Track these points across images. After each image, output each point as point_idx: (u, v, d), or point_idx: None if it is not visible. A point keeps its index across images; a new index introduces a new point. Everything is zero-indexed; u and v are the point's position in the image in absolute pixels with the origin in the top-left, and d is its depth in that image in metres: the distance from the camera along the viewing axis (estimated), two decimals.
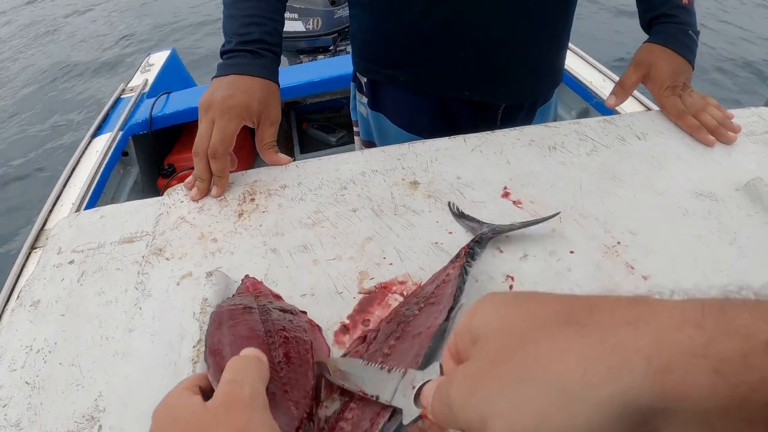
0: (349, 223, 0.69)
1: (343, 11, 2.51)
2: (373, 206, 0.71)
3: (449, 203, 0.70)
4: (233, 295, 0.58)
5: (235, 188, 0.79)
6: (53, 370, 0.57)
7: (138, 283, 0.65)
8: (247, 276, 0.61)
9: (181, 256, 0.68)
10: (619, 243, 0.64)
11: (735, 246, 0.63)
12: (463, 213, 0.68)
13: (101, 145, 1.98)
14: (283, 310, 0.53)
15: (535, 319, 0.29)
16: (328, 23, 2.50)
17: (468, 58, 0.94)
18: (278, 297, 0.58)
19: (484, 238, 0.62)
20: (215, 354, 0.47)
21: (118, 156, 2.04)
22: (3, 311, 1.31)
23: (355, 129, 1.19)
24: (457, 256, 0.60)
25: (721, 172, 0.75)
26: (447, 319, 0.50)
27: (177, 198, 0.79)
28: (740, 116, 0.84)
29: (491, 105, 1.02)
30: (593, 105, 1.79)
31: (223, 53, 0.82)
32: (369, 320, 0.56)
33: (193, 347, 0.54)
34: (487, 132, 0.82)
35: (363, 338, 0.52)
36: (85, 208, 1.71)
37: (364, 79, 1.07)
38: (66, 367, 0.57)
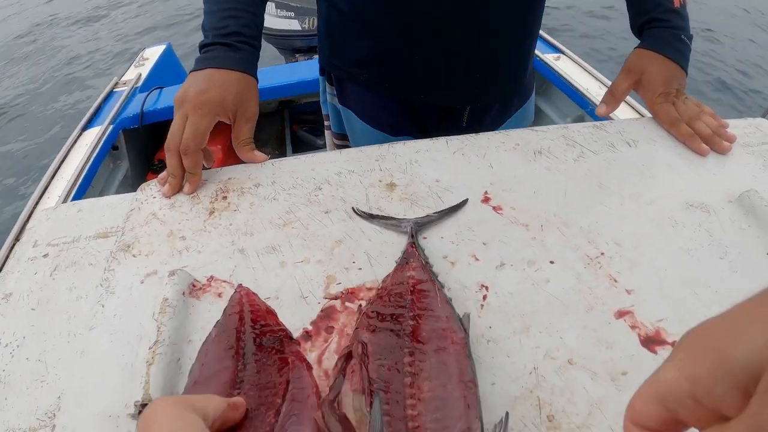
0: (321, 225, 0.66)
1: None
2: (346, 208, 0.68)
3: (353, 208, 0.68)
4: (223, 313, 0.55)
5: (209, 185, 0.77)
6: (19, 364, 0.56)
7: (103, 280, 0.63)
8: (240, 286, 0.58)
9: (147, 253, 0.66)
10: (602, 254, 0.60)
11: (726, 260, 0.60)
12: (371, 214, 0.67)
13: (91, 138, 1.96)
14: (267, 346, 0.50)
15: None
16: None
17: (427, 60, 0.92)
18: (271, 312, 0.54)
19: (414, 230, 0.63)
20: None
21: (108, 149, 2.02)
22: None
23: (326, 123, 1.17)
24: (406, 260, 0.59)
25: (714, 182, 0.72)
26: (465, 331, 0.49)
27: (150, 193, 0.77)
28: (736, 126, 0.81)
29: (455, 107, 1.00)
30: (588, 112, 1.77)
31: (201, 47, 0.81)
32: (333, 327, 0.53)
33: (149, 348, 0.52)
34: (471, 134, 0.79)
35: (347, 356, 0.47)
36: (72, 200, 1.69)
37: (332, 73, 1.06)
38: (32, 363, 0.56)
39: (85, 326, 0.58)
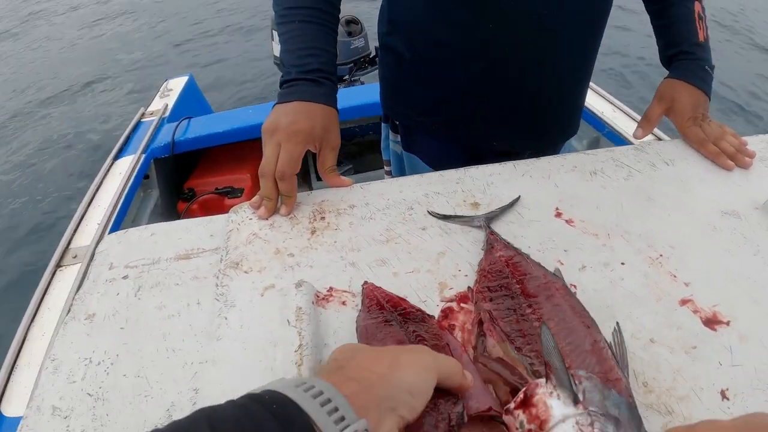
0: (421, 240, 0.77)
1: (359, 42, 2.61)
2: (440, 224, 0.79)
3: (428, 211, 0.81)
4: (363, 305, 0.65)
5: (303, 207, 0.83)
6: (117, 381, 0.59)
7: (219, 295, 0.68)
8: (366, 282, 0.68)
9: (260, 269, 0.72)
10: (661, 255, 0.73)
11: (759, 257, 0.73)
12: (445, 215, 0.80)
13: (124, 168, 2.03)
14: (416, 319, 0.61)
15: None
16: (345, 53, 2.59)
17: (498, 112, 1.01)
18: (402, 299, 0.66)
19: (486, 224, 0.77)
20: None
21: (141, 178, 2.09)
22: (29, 328, 1.37)
23: (386, 168, 1.25)
24: (491, 245, 0.72)
25: (740, 193, 0.85)
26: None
27: (245, 215, 0.83)
28: (752, 143, 0.95)
29: (519, 152, 1.09)
30: (605, 135, 1.89)
31: (283, 83, 0.87)
32: (454, 325, 0.64)
33: (295, 352, 0.58)
34: (533, 159, 0.92)
35: (478, 323, 0.61)
36: (111, 229, 1.76)
37: (397, 121, 1.13)
38: (131, 379, 0.59)
39: (211, 337, 0.62)
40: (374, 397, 0.38)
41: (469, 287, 0.68)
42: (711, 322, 0.64)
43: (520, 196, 0.83)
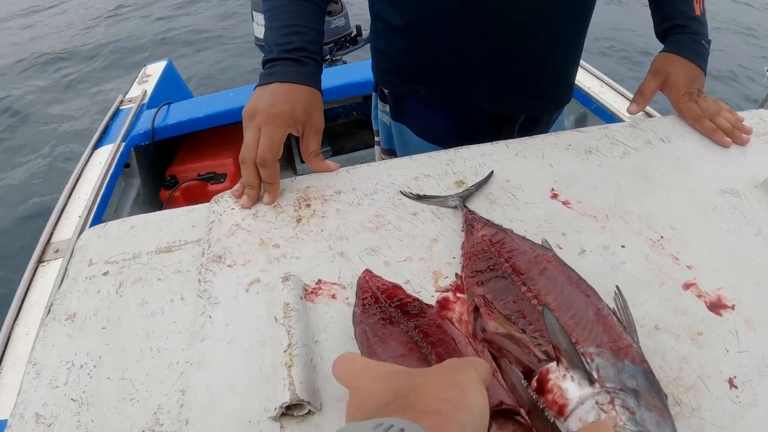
0: (413, 226, 0.73)
1: (339, 21, 2.56)
2: (432, 209, 0.76)
3: (401, 191, 0.79)
4: (357, 297, 0.62)
5: (288, 194, 0.80)
6: (101, 384, 0.57)
7: (202, 291, 0.65)
8: (366, 271, 0.65)
9: (244, 262, 0.69)
10: (662, 237, 0.70)
11: (761, 236, 0.71)
12: (419, 195, 0.78)
13: (103, 157, 1.97)
14: (414, 310, 0.58)
15: None
16: (325, 32, 2.53)
17: (491, 72, 0.98)
18: (398, 287, 0.63)
19: (461, 203, 0.75)
20: None
21: (121, 168, 2.03)
22: (13, 327, 1.33)
23: (375, 138, 1.22)
24: (470, 225, 0.70)
25: (739, 170, 0.82)
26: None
27: (227, 205, 0.79)
28: (746, 118, 0.92)
29: (512, 116, 1.08)
30: (592, 110, 1.87)
31: (264, 63, 0.83)
32: (451, 318, 0.61)
33: (284, 351, 0.55)
34: (526, 137, 0.88)
35: (474, 311, 0.58)
36: (92, 221, 1.71)
37: (386, 90, 1.10)
38: (116, 381, 0.57)
39: (195, 338, 0.59)
40: (457, 426, 0.36)
41: (457, 274, 0.66)
42: (716, 306, 0.61)
43: (492, 171, 0.81)
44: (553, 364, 0.47)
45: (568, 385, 0.45)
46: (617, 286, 0.59)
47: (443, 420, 0.36)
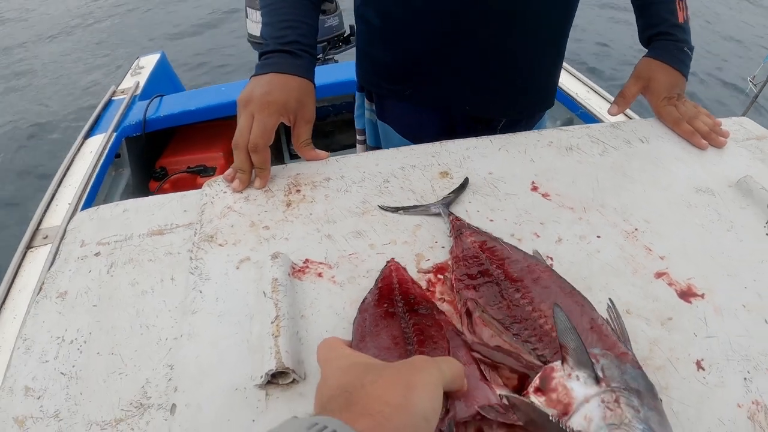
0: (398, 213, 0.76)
1: (333, 20, 2.58)
2: (417, 198, 0.78)
3: (379, 206, 0.77)
4: (376, 282, 0.63)
5: (278, 180, 0.83)
6: (90, 359, 0.58)
7: (193, 269, 0.67)
8: (392, 260, 0.67)
9: (234, 242, 0.71)
10: (636, 229, 0.73)
11: (732, 232, 0.74)
12: (398, 207, 0.77)
13: (95, 147, 1.99)
14: (421, 310, 0.58)
15: None
16: (319, 31, 2.54)
17: (474, 74, 1.00)
18: (418, 286, 0.63)
19: (445, 210, 0.75)
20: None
21: (112, 158, 2.05)
22: (0, 310, 1.33)
23: (359, 137, 1.24)
24: (459, 231, 0.70)
25: (715, 171, 0.85)
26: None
27: (219, 189, 0.81)
28: (725, 125, 0.95)
29: (493, 118, 1.10)
30: (578, 115, 1.90)
31: (261, 55, 0.86)
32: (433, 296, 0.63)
33: (272, 323, 0.57)
34: (510, 134, 0.91)
35: (467, 314, 0.58)
36: (82, 209, 1.72)
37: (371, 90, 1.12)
38: (105, 357, 0.58)
39: (186, 311, 0.61)
40: (391, 430, 0.36)
41: (446, 261, 0.67)
42: (686, 294, 0.64)
43: (467, 178, 0.81)
44: (558, 363, 0.48)
45: (573, 384, 0.46)
46: (610, 299, 0.59)
47: (377, 424, 0.36)
